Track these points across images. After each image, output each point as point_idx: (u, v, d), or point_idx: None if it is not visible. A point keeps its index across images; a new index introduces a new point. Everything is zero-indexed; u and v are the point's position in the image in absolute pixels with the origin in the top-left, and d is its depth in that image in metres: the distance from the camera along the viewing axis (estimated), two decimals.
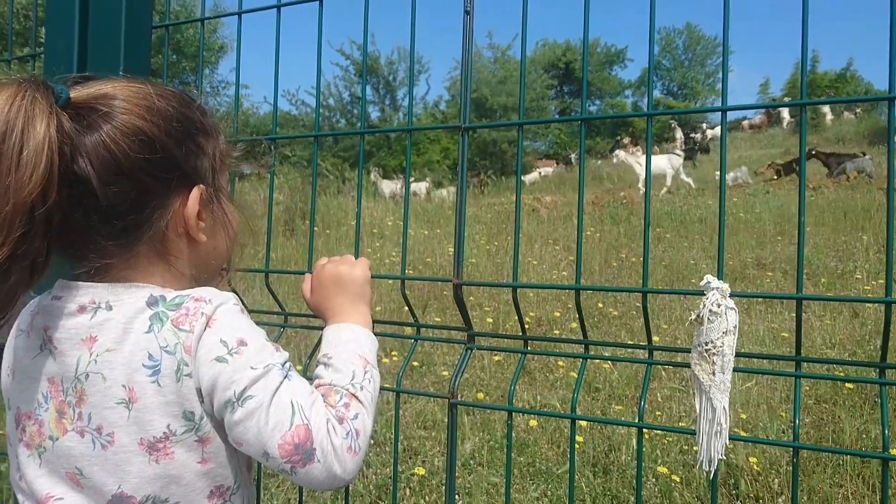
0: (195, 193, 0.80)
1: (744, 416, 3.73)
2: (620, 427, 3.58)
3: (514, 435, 3.59)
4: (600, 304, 5.99)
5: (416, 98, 28.93)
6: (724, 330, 0.94)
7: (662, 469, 3.07)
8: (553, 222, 10.43)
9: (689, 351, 1.00)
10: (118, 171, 0.73)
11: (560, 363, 4.59)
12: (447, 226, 9.85)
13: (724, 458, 0.96)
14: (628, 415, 3.91)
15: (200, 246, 0.83)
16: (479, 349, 1.19)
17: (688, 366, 1.00)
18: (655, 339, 5.06)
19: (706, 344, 0.95)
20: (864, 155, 15.72)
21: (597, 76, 35.44)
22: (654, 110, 1.05)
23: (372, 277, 1.05)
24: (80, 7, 1.41)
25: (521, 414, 3.80)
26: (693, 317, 0.97)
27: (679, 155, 15.92)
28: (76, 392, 0.75)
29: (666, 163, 15.29)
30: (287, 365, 0.78)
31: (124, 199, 0.74)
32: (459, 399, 1.16)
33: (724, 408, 0.94)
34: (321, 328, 1.33)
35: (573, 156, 25.23)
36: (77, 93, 0.74)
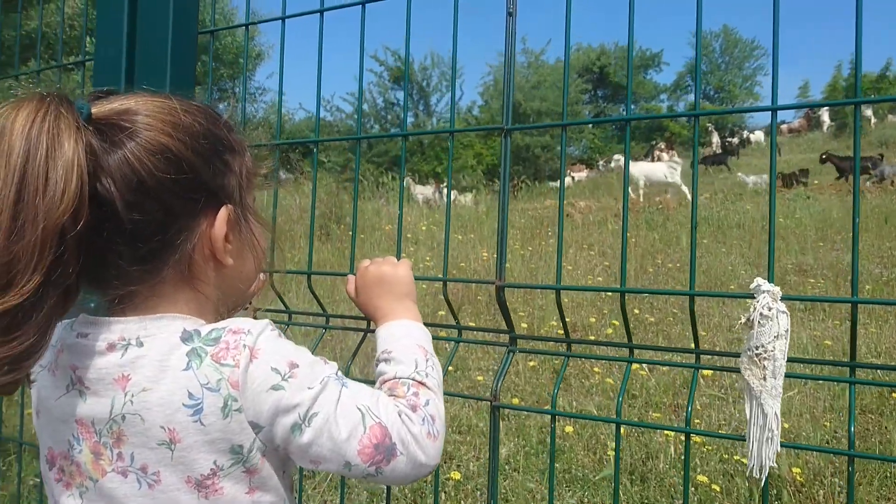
0: (223, 214, 0.77)
1: (786, 426, 3.64)
2: (658, 434, 3.52)
3: (549, 441, 3.56)
4: (636, 311, 5.91)
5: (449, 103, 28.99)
6: (776, 334, 0.92)
7: (702, 478, 3.01)
8: (587, 227, 10.34)
9: (736, 355, 0.98)
10: (143, 191, 0.70)
11: (596, 369, 4.55)
12: (480, 231, 9.84)
13: (776, 465, 0.94)
14: (666, 422, 3.84)
15: (226, 269, 0.79)
16: (521, 352, 1.18)
17: (736, 370, 0.98)
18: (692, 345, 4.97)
19: (756, 348, 0.93)
20: (881, 158, 15.34)
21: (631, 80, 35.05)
22: (700, 110, 1.03)
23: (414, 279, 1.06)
24: (129, 14, 1.44)
25: (557, 420, 3.76)
26: (743, 320, 0.95)
27: (677, 162, 15.90)
28: (112, 433, 0.72)
29: (665, 169, 15.34)
30: (339, 373, 0.78)
31: (149, 221, 0.71)
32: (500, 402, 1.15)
33: (775, 413, 0.92)
34: (361, 330, 1.34)
35: (601, 162, 25.01)
36: (98, 108, 0.70)
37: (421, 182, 17.75)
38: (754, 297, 0.95)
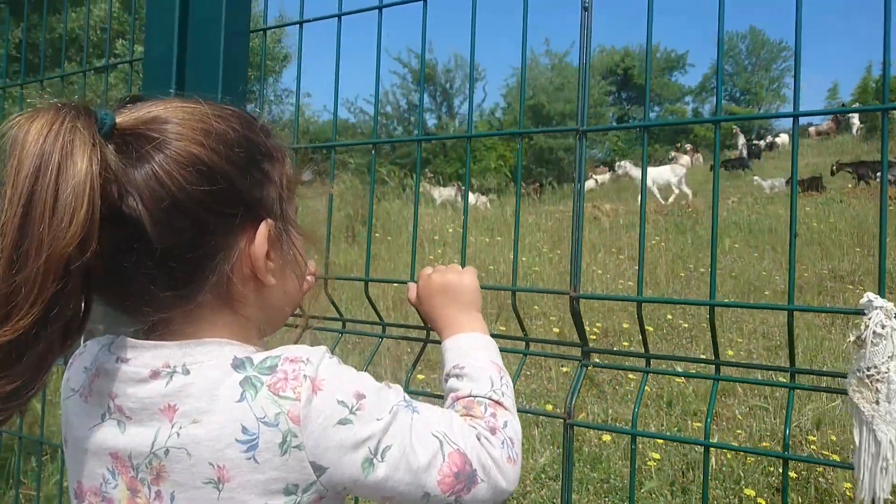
0: (263, 230, 0.69)
1: (833, 438, 3.53)
2: (698, 445, 3.43)
3: (586, 449, 3.49)
4: (669, 316, 5.81)
5: (473, 105, 28.93)
6: (890, 354, 0.85)
7: (749, 491, 2.92)
8: (615, 231, 10.23)
9: (840, 375, 0.91)
10: (174, 208, 0.62)
11: (631, 376, 4.45)
12: (508, 234, 9.77)
13: (891, 497, 0.87)
14: (702, 432, 3.75)
15: (267, 289, 0.72)
16: (596, 367, 1.12)
17: (841, 392, 0.91)
18: (730, 352, 4.87)
19: (868, 369, 0.86)
20: None
21: (656, 82, 34.85)
22: (800, 111, 0.96)
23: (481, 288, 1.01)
24: (180, 11, 1.40)
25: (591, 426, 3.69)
26: (852, 338, 0.88)
27: (683, 166, 15.81)
28: (152, 469, 0.65)
29: (670, 173, 15.26)
30: (407, 398, 0.72)
31: (182, 242, 0.64)
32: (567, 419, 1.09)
33: (890, 441, 0.85)
34: (419, 339, 1.28)
35: (617, 164, 24.88)
36: (123, 118, 0.64)
37: (443, 184, 17.71)
38: (864, 314, 0.87)
